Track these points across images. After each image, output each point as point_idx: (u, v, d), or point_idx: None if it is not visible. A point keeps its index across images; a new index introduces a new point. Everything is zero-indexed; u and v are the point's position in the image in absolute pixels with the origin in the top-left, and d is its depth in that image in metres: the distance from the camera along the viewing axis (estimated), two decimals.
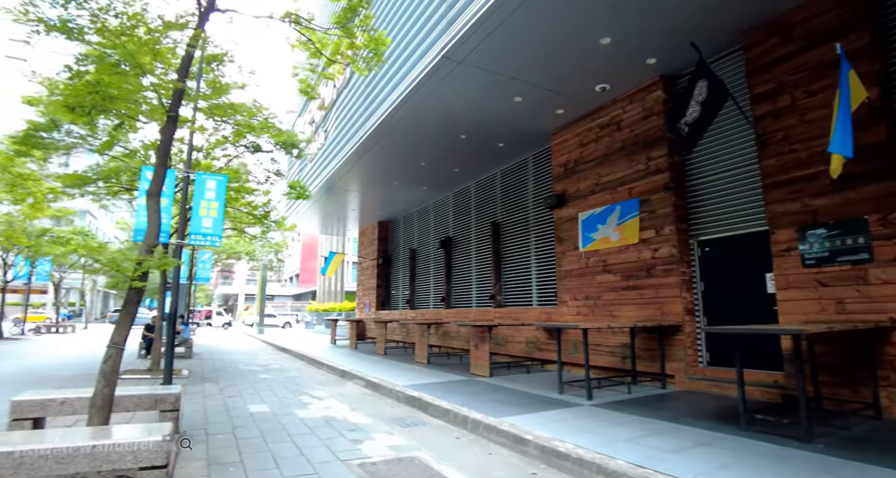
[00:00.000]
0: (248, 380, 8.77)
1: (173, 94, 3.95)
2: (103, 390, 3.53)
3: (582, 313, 8.50)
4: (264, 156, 10.28)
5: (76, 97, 3.58)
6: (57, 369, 9.55)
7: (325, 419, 5.58)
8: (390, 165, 11.93)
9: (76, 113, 3.66)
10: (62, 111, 3.60)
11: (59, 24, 3.35)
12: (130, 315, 3.78)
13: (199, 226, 7.72)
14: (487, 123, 9.18)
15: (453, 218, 14.05)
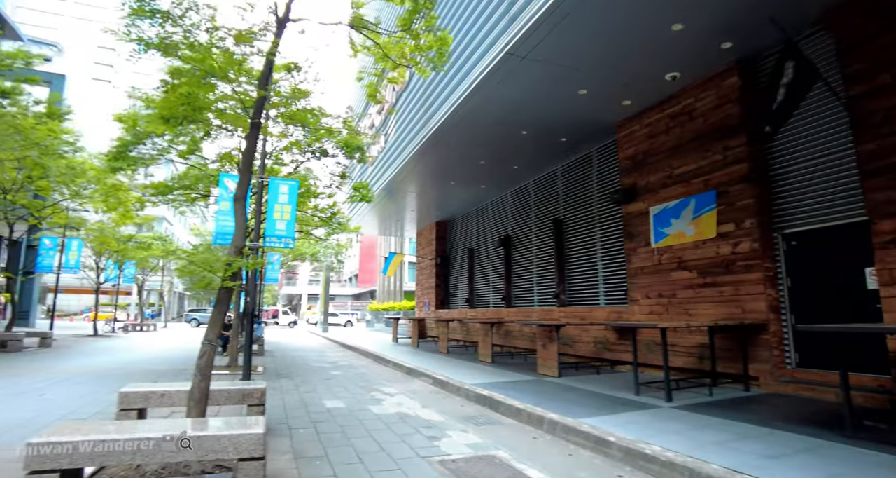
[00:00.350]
0: (321, 376, 9.07)
1: (255, 103, 4.13)
2: (200, 384, 3.74)
3: (655, 312, 8.19)
4: (330, 160, 10.60)
5: (170, 109, 3.83)
6: (148, 364, 10.26)
7: (399, 416, 5.67)
8: (449, 165, 11.98)
9: (170, 124, 3.91)
10: (157, 123, 3.85)
11: (157, 42, 3.60)
12: (222, 314, 3.99)
13: (274, 228, 8.06)
14: (550, 117, 9.03)
15: (512, 216, 13.92)
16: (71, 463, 2.71)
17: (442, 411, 5.98)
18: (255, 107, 4.14)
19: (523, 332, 12.04)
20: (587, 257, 10.68)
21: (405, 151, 11.70)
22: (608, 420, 4.86)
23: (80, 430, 2.90)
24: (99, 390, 6.79)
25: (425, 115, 10.32)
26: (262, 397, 4.56)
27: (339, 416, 5.62)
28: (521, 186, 13.36)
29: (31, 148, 9.27)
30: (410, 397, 7.02)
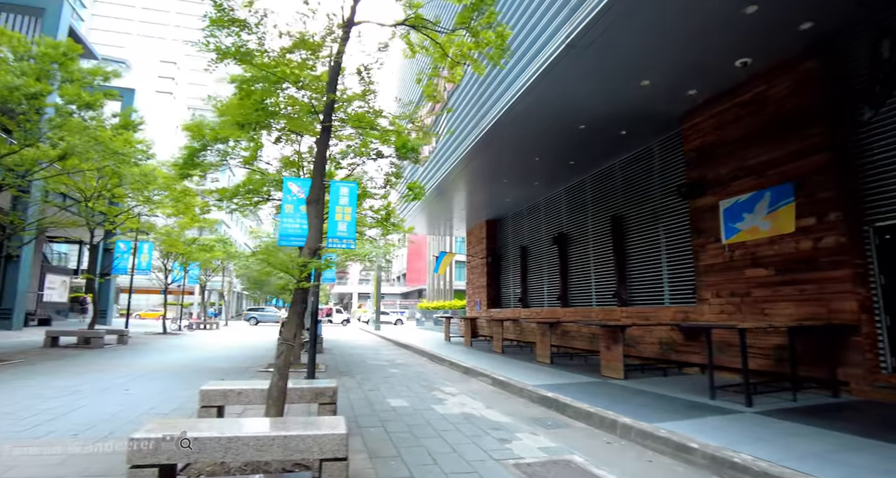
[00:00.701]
0: (380, 374, 9.17)
1: (325, 106, 4.19)
2: (278, 383, 3.83)
3: (727, 312, 7.78)
4: (384, 161, 10.71)
5: (245, 115, 3.93)
6: (213, 362, 10.73)
7: (465, 416, 5.63)
8: (502, 163, 11.86)
9: (244, 129, 4.02)
10: (231, 129, 3.96)
11: (233, 50, 3.71)
12: (298, 314, 4.07)
13: (335, 230, 8.21)
14: (610, 110, 8.75)
15: (567, 213, 13.63)
16: (169, 458, 2.82)
17: (507, 413, 5.89)
18: (325, 110, 4.20)
19: (581, 332, 11.76)
20: (650, 255, 10.30)
21: (457, 150, 11.68)
22: (686, 425, 4.63)
23: (176, 426, 3.00)
24: (174, 387, 7.12)
25: (479, 112, 10.24)
26: (333, 396, 4.63)
27: (405, 415, 5.64)
28: (577, 182, 13.05)
29: (110, 157, 9.89)
30: (472, 397, 6.97)
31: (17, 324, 16.89)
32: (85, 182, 11.93)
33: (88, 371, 8.43)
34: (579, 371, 8.77)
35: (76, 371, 8.38)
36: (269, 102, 3.88)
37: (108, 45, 60.30)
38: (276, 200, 10.91)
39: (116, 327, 16.90)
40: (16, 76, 7.88)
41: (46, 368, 8.66)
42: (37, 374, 7.89)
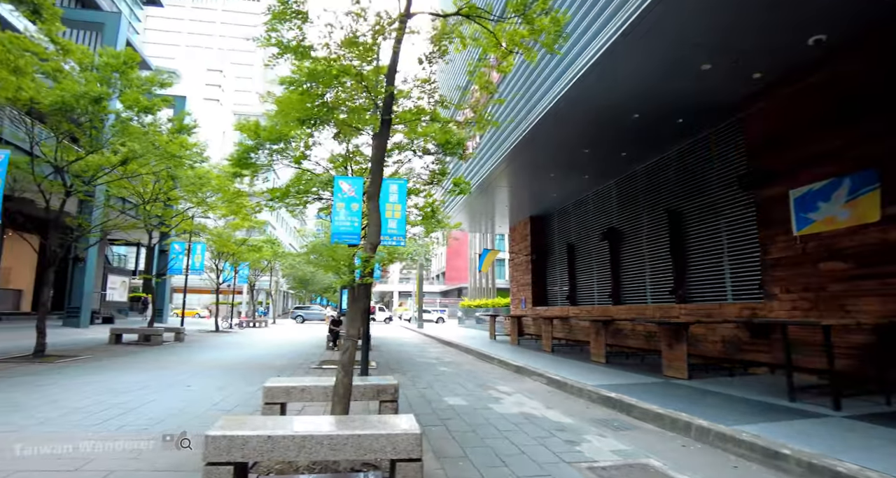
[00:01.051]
0: (430, 372, 9.10)
1: (385, 99, 4.11)
2: (343, 380, 3.77)
3: (800, 308, 7.28)
4: (429, 158, 10.63)
5: (306, 111, 3.89)
6: (267, 359, 10.94)
7: (525, 416, 5.46)
8: (550, 156, 11.56)
9: (305, 125, 3.98)
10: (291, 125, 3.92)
11: (294, 45, 3.67)
12: (361, 310, 4.01)
13: (386, 227, 8.18)
14: (667, 98, 8.36)
15: (618, 207, 13.19)
16: (243, 456, 2.78)
17: (568, 413, 5.69)
18: (385, 103, 4.12)
19: (636, 330, 11.34)
20: (710, 249, 9.81)
21: (504, 144, 11.46)
22: (771, 429, 4.31)
23: (247, 424, 2.98)
24: (233, 383, 7.25)
25: (526, 105, 10.01)
26: (395, 394, 4.55)
27: (463, 414, 5.52)
28: (628, 175, 12.59)
29: (167, 160, 10.25)
30: (529, 396, 6.79)
31: (84, 322, 17.82)
32: (142, 186, 12.42)
33: (152, 368, 8.73)
34: (637, 371, 8.44)
35: (141, 367, 8.69)
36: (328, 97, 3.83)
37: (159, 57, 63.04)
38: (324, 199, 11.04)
39: (172, 325, 17.56)
40: (81, 85, 8.24)
41: (113, 364, 9.03)
42: (105, 370, 8.22)
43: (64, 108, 8.02)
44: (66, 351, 10.79)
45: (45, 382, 6.74)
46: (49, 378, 7.09)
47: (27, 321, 19.22)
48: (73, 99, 7.92)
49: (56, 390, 6.08)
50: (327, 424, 3.09)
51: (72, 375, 7.49)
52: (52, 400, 5.52)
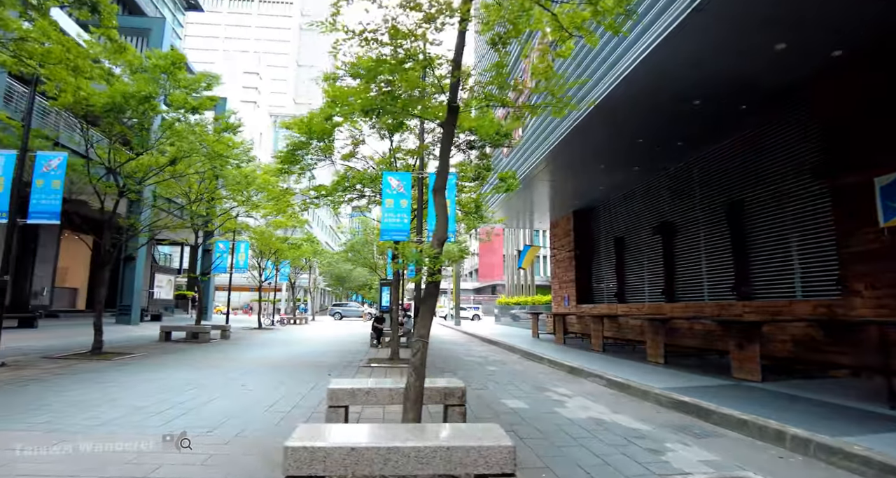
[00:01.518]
0: (480, 372, 8.85)
1: (450, 86, 3.86)
2: (415, 384, 3.55)
3: (887, 306, 6.68)
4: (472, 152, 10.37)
5: (370, 100, 3.69)
6: (314, 356, 10.90)
7: (595, 421, 5.14)
8: (600, 147, 11.11)
9: (367, 115, 3.78)
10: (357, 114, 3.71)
11: (360, 30, 3.47)
12: (431, 309, 3.78)
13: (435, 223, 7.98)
14: (732, 82, 7.84)
15: (671, 200, 12.60)
16: (325, 470, 2.58)
17: (640, 418, 5.34)
18: (451, 89, 3.87)
19: (693, 329, 10.79)
20: (775, 242, 9.20)
21: (551, 137, 11.06)
22: (883, 441, 3.87)
23: (326, 434, 2.79)
24: (286, 382, 7.16)
25: (577, 95, 9.60)
26: (462, 397, 4.30)
27: (529, 418, 5.24)
28: (684, 166, 11.96)
29: (214, 159, 10.34)
30: (591, 399, 6.45)
31: (134, 319, 18.36)
32: (188, 186, 12.62)
33: (204, 365, 8.77)
34: (701, 372, 7.98)
35: (193, 365, 8.75)
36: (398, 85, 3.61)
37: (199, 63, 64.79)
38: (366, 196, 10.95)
39: (218, 323, 17.87)
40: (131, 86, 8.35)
41: (167, 361, 9.12)
42: (160, 367, 8.30)
43: (115, 109, 8.12)
44: (120, 348, 11.03)
45: (105, 379, 6.81)
46: (108, 376, 7.17)
47: (82, 318, 19.97)
48: (123, 99, 8.01)
49: (116, 389, 6.11)
50: (409, 434, 2.86)
51: (130, 372, 7.57)
52: (113, 399, 5.52)
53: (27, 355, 9.08)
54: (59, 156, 7.91)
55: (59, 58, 6.11)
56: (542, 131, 11.71)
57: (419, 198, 7.98)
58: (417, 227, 7.88)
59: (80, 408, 5.02)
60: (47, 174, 7.80)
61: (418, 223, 7.89)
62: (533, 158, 12.45)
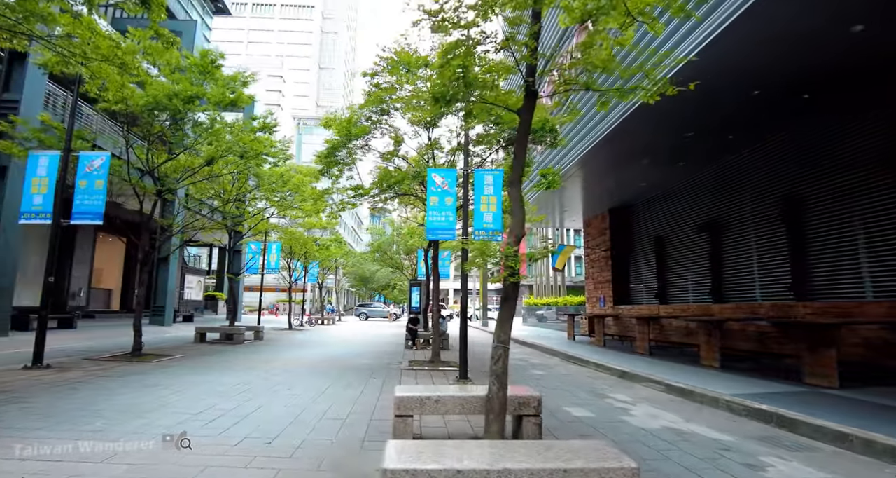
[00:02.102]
0: (526, 376, 8.52)
1: (527, 69, 3.56)
2: (498, 394, 3.26)
3: None
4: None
5: (443, 87, 3.41)
6: (352, 357, 10.68)
7: (672, 431, 4.77)
8: (646, 143, 10.65)
9: (438, 103, 3.51)
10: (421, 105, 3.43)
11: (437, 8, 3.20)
12: (511, 312, 3.48)
13: (482, 221, 7.67)
14: (796, 70, 7.35)
15: (719, 196, 12.05)
16: None
17: (717, 428, 4.95)
18: (528, 72, 3.57)
19: (746, 331, 10.24)
20: (840, 239, 8.66)
21: (594, 131, 10.65)
22: None
23: (425, 455, 2.50)
24: (331, 386, 6.93)
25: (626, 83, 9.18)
26: (538, 407, 4.01)
27: (600, 427, 4.89)
28: (734, 160, 11.37)
29: (252, 159, 10.23)
30: (656, 406, 6.07)
31: (168, 320, 18.49)
32: (221, 187, 12.57)
33: (244, 367, 8.62)
34: (762, 376, 7.54)
35: (234, 367, 8.60)
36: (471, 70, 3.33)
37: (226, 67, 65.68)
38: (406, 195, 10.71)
39: (250, 324, 17.85)
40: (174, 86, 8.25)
41: (207, 363, 9.01)
42: (203, 370, 8.17)
43: (158, 108, 8.03)
44: (159, 350, 11.00)
45: (151, 382, 6.67)
46: (154, 378, 7.04)
47: (117, 319, 20.23)
48: (167, 98, 7.91)
49: (165, 393, 5.96)
50: (517, 454, 2.56)
51: (173, 374, 7.44)
52: (164, 404, 5.36)
53: (70, 357, 9.06)
54: (101, 156, 7.85)
55: (107, 54, 6.01)
56: (584, 125, 11.30)
57: (464, 195, 7.69)
58: (463, 226, 7.58)
59: (132, 414, 4.85)
60: (90, 174, 7.75)
61: (464, 222, 7.60)
62: (572, 155, 12.05)
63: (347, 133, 8.57)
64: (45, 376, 6.92)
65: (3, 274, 10.87)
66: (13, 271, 11.15)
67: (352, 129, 8.50)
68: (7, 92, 11.00)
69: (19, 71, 11.15)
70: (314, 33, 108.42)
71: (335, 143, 8.74)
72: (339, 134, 8.93)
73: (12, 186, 10.82)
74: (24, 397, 5.49)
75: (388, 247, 26.65)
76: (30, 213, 7.67)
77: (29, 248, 15.02)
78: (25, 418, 4.56)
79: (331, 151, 8.48)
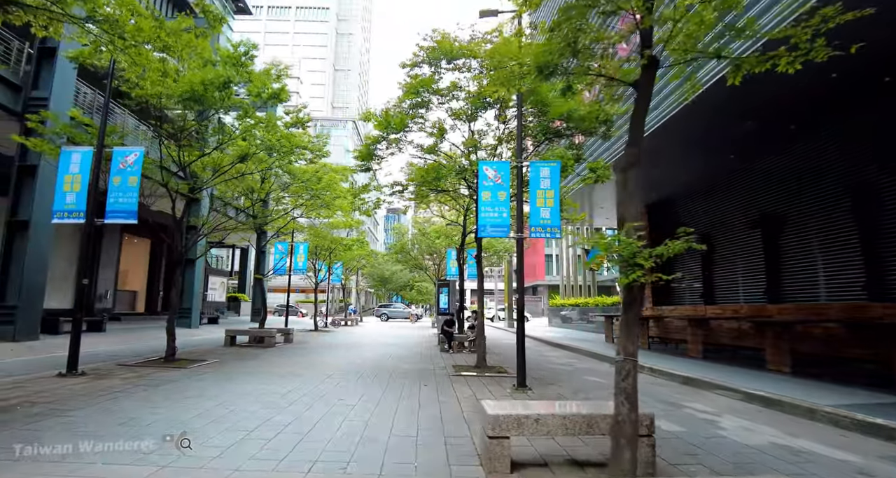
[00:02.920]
0: (583, 383, 7.99)
1: (642, 35, 3.04)
2: (630, 416, 2.74)
3: None
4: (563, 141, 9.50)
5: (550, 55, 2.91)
6: (392, 360, 10.21)
7: (785, 450, 4.21)
8: (703, 133, 10.01)
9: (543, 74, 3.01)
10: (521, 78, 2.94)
11: None
12: (637, 315, 2.96)
13: (538, 217, 7.15)
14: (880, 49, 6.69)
15: (774, 189, 11.35)
16: None
17: (832, 445, 4.39)
18: (643, 37, 3.05)
19: (810, 333, 9.57)
20: None
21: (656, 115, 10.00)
22: None
23: None
24: (384, 396, 6.47)
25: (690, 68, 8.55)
26: (651, 426, 3.47)
27: (702, 445, 4.32)
28: (796, 149, 10.62)
29: (287, 154, 9.85)
30: (744, 418, 5.50)
31: (194, 322, 18.25)
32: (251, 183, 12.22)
33: (285, 373, 8.19)
34: (843, 383, 6.93)
35: (274, 373, 8.18)
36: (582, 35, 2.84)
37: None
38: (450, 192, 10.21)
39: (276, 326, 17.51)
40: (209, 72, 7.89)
41: (246, 369, 8.60)
42: (244, 376, 7.75)
43: (193, 99, 7.65)
44: (191, 354, 10.67)
45: (193, 393, 6.24)
46: (193, 387, 6.63)
47: (143, 322, 20.07)
48: (203, 87, 7.52)
49: (210, 405, 5.52)
50: None
51: (214, 383, 7.02)
52: (213, 418, 4.92)
53: (104, 362, 8.73)
54: (135, 151, 7.48)
55: (150, 36, 5.63)
56: None
57: (518, 188, 7.17)
58: (518, 222, 7.08)
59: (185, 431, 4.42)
60: (123, 171, 7.38)
61: (518, 217, 7.09)
62: (616, 148, 11.43)
63: (387, 126, 8.14)
64: (81, 384, 6.56)
65: (35, 276, 10.61)
66: (44, 273, 10.90)
67: (391, 121, 8.06)
68: (36, 89, 10.76)
69: (48, 69, 10.91)
70: (329, 35, 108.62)
71: (374, 138, 8.31)
72: (378, 128, 8.50)
73: (42, 187, 10.57)
74: (62, 409, 5.10)
75: (411, 247, 26.24)
76: (62, 212, 7.32)
77: (56, 249, 14.84)
78: (71, 434, 4.14)
79: (371, 144, 8.04)
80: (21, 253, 10.43)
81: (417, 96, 8.55)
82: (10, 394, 5.75)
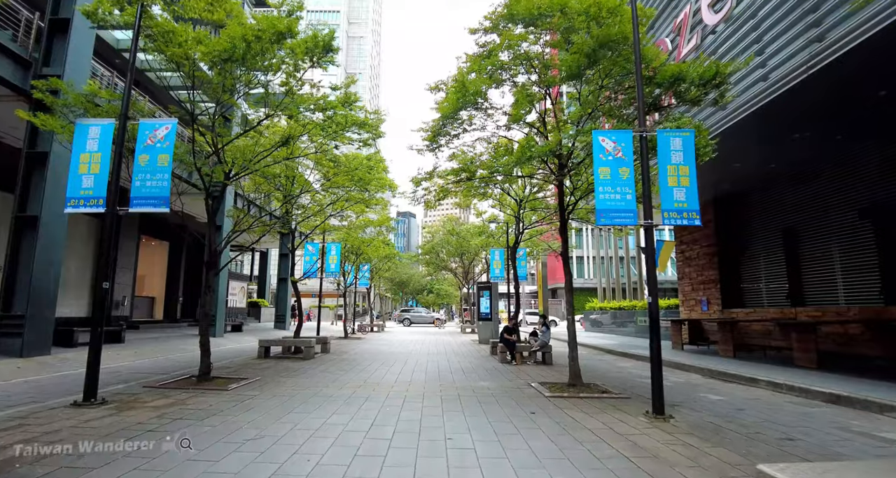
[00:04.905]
0: (708, 404, 6.46)
1: None
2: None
3: None
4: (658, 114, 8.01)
5: None
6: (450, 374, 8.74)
7: None
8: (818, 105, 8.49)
9: None
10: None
11: None
12: None
13: (672, 199, 5.68)
14: None
15: (880, 176, 9.81)
16: None
17: None
18: None
19: None
20: None
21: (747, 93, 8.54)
22: None
23: None
24: (489, 425, 5.05)
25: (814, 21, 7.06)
26: None
27: None
28: None
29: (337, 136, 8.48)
30: None
31: (219, 330, 16.93)
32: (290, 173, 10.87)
33: (349, 396, 6.72)
34: None
35: (335, 395, 6.71)
36: None
37: None
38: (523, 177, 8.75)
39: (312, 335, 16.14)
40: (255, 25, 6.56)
41: (296, 390, 7.14)
42: (299, 403, 6.31)
43: (234, 59, 6.28)
44: (224, 369, 9.31)
45: (250, 434, 4.77)
46: (246, 420, 5.19)
47: (161, 330, 18.79)
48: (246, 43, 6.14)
49: (282, 454, 4.07)
50: None
51: (268, 413, 5.55)
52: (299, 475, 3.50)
53: (127, 383, 7.34)
54: (166, 123, 6.09)
55: None
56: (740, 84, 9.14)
57: (643, 164, 5.70)
58: (645, 205, 5.62)
59: None
60: (152, 147, 6.00)
61: (644, 200, 5.63)
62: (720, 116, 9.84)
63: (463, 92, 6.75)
64: (103, 418, 5.13)
65: (46, 280, 9.24)
66: (56, 277, 9.55)
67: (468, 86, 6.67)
68: (47, 66, 9.44)
69: (60, 44, 9.61)
70: (340, 38, 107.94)
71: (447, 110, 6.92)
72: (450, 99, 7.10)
73: (53, 177, 9.22)
74: (77, 468, 3.60)
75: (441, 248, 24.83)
76: (77, 199, 5.92)
77: (69, 249, 13.56)
78: None
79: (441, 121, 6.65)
80: (30, 254, 9.07)
81: (494, 63, 7.17)
82: (8, 438, 4.30)
